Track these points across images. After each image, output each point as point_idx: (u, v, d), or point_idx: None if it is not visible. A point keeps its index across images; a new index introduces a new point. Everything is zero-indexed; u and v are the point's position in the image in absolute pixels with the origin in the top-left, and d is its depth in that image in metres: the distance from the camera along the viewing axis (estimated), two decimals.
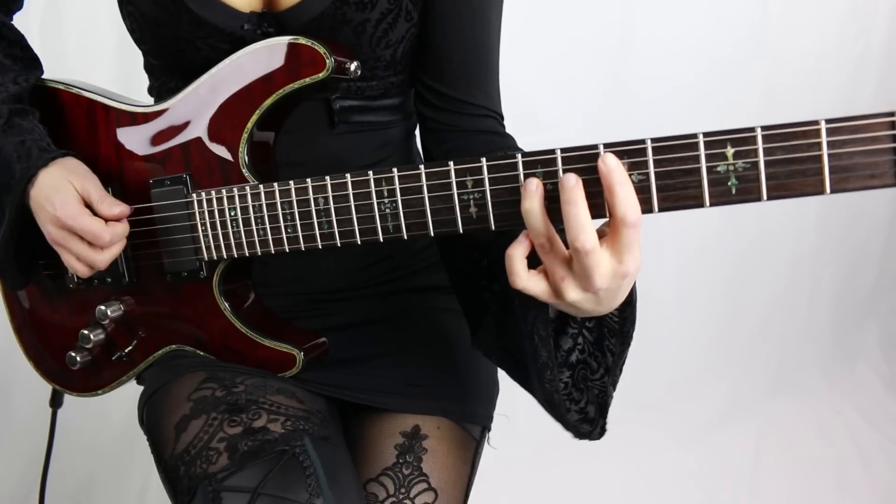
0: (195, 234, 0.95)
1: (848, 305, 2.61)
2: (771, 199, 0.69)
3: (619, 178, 0.68)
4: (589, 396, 0.86)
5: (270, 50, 0.90)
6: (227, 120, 0.93)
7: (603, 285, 0.71)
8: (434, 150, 1.08)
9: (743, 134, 0.68)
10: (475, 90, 1.05)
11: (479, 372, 1.15)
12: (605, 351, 0.85)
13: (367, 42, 0.98)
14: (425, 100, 1.07)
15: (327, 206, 0.85)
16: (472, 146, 1.03)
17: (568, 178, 0.69)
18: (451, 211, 0.78)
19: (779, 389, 2.44)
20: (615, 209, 0.68)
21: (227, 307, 0.98)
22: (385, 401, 1.06)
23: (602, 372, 0.85)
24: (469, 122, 1.05)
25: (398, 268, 1.12)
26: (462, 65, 1.03)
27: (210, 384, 0.97)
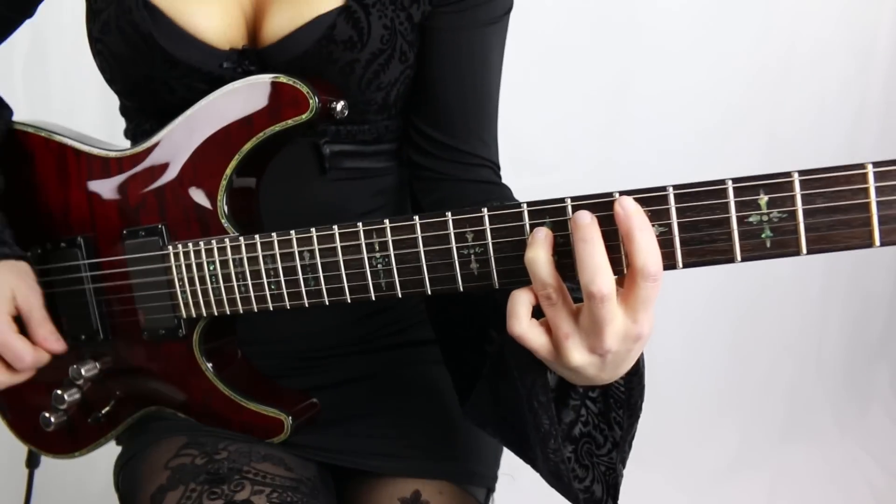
0: (172, 289, 0.87)
1: (858, 347, 2.54)
2: (811, 252, 0.61)
3: (637, 223, 0.60)
4: (595, 474, 0.76)
5: (250, 89, 0.82)
6: (205, 166, 0.85)
7: (613, 346, 0.62)
8: (424, 199, 1.00)
9: (778, 180, 0.60)
10: (472, 138, 0.98)
11: None
12: (613, 423, 0.76)
13: (355, 84, 0.90)
14: (417, 146, 1.00)
15: (313, 260, 0.77)
16: (466, 196, 0.95)
17: (582, 216, 0.61)
18: (449, 267, 0.70)
19: (790, 436, 2.36)
20: (634, 258, 0.60)
21: (208, 367, 0.90)
22: (382, 464, 0.97)
23: (609, 446, 0.76)
24: (464, 171, 0.99)
25: (394, 321, 1.04)
26: (460, 111, 0.97)
27: (190, 450, 0.89)
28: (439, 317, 0.94)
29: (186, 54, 0.87)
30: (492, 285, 0.69)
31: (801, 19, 2.27)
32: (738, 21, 2.21)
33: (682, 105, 2.21)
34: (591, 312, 0.61)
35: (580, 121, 2.17)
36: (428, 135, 0.98)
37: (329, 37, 0.87)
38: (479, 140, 0.99)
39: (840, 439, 2.35)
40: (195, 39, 0.88)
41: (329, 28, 0.87)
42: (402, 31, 0.90)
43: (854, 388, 2.49)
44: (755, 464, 2.24)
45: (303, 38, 0.87)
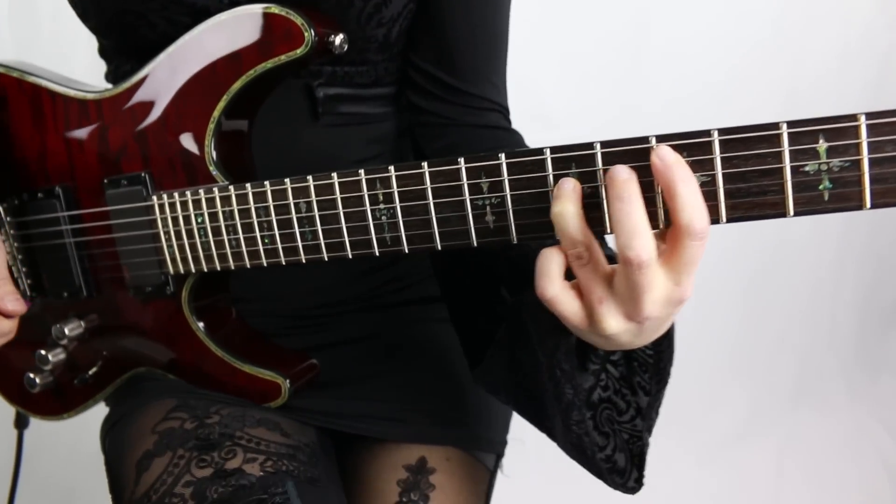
0: (157, 243, 0.80)
1: (871, 315, 2.46)
2: (876, 206, 0.53)
3: (681, 174, 0.53)
4: (617, 442, 0.70)
5: (238, 22, 0.74)
6: (190, 107, 0.77)
7: (653, 313, 0.55)
8: (428, 146, 0.92)
9: (840, 124, 0.52)
10: (481, 79, 0.90)
11: None
12: (637, 388, 0.70)
13: (354, 18, 0.81)
14: (420, 88, 0.92)
15: (311, 212, 0.69)
16: (476, 143, 0.87)
17: (619, 171, 0.54)
18: (462, 220, 0.63)
19: (800, 402, 2.30)
20: (678, 215, 0.52)
21: (199, 327, 0.83)
22: (385, 430, 0.91)
23: (633, 413, 0.70)
24: (472, 115, 0.90)
25: (399, 277, 0.97)
26: (468, 49, 0.88)
27: (179, 414, 0.82)
28: (446, 274, 0.87)
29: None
30: (509, 240, 0.62)
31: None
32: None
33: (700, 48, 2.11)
34: (629, 278, 0.54)
35: (593, 71, 2.08)
36: (432, 75, 0.90)
37: None
38: (489, 81, 0.91)
39: (850, 406, 2.30)
40: None
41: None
42: None
43: (866, 356, 2.43)
44: (764, 430, 2.19)
45: None
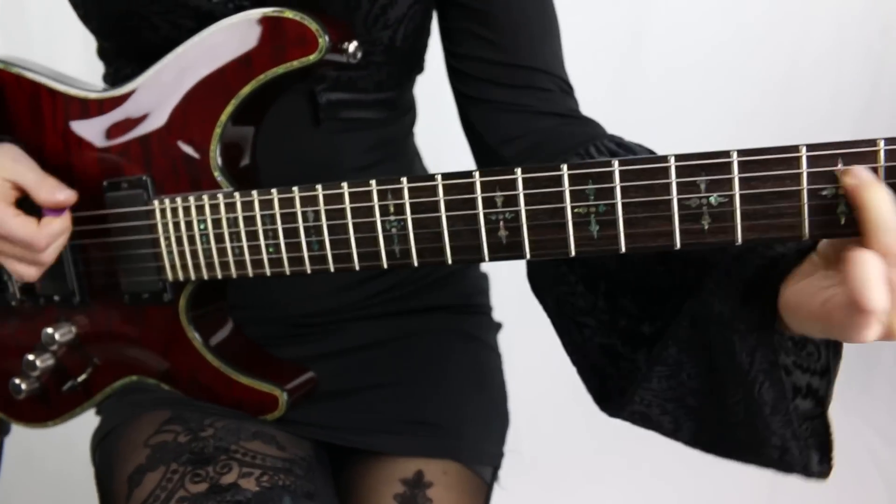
0: (157, 249, 0.78)
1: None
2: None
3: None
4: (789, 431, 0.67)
5: (249, 25, 0.73)
6: (197, 111, 0.76)
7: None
8: (504, 150, 0.83)
9: (859, 148, 0.52)
10: (541, 53, 0.83)
11: (489, 403, 0.99)
12: (795, 368, 0.66)
13: (361, 21, 0.80)
14: (476, 78, 0.85)
15: (318, 221, 0.68)
16: (563, 139, 0.80)
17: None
18: (474, 235, 0.62)
19: None
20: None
21: (196, 336, 0.82)
22: (382, 442, 0.90)
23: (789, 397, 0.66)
24: (541, 99, 0.83)
25: (398, 285, 0.95)
26: (524, 27, 0.82)
27: (173, 426, 0.81)
28: (547, 283, 0.78)
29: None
30: (522, 256, 0.61)
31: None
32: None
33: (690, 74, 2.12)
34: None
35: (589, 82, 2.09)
36: (486, 58, 0.83)
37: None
38: (551, 53, 0.84)
39: (844, 413, 2.31)
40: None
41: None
42: None
43: (858, 362, 2.45)
44: None
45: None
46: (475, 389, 0.97)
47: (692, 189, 0.56)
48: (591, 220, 0.59)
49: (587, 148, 0.76)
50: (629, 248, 0.58)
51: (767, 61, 2.18)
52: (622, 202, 0.57)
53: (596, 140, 0.77)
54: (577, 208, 0.59)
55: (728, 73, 2.14)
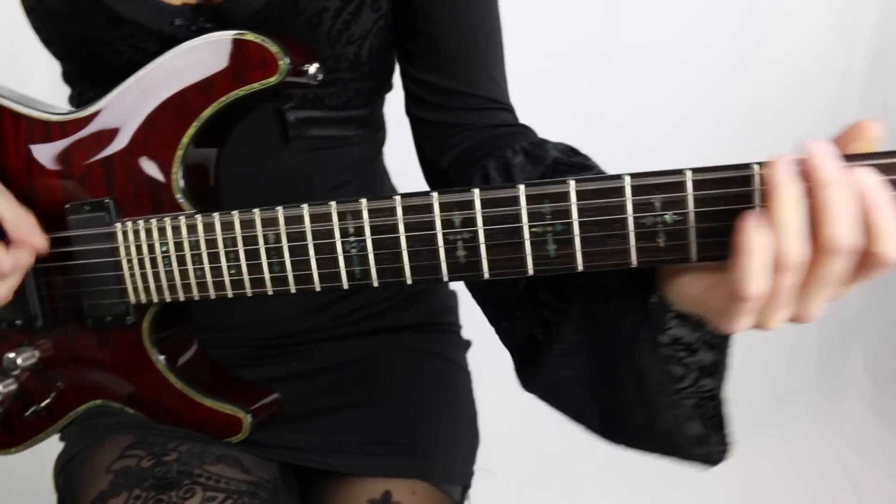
0: (119, 271, 0.78)
1: (832, 333, 2.51)
2: None
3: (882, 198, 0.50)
4: (681, 412, 0.68)
5: (211, 48, 0.73)
6: (158, 133, 0.76)
7: (817, 315, 0.55)
8: (441, 159, 0.88)
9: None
10: (483, 79, 0.87)
11: (458, 422, 0.99)
12: (698, 347, 0.67)
13: (324, 37, 0.81)
14: (424, 101, 0.89)
15: (279, 243, 0.68)
16: (492, 142, 0.83)
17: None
18: (433, 255, 0.62)
19: (766, 422, 2.31)
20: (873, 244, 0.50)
21: (159, 359, 0.81)
22: (349, 463, 0.90)
23: (695, 375, 0.67)
24: (480, 117, 0.87)
25: (366, 305, 0.95)
26: (463, 50, 0.86)
27: (136, 451, 0.80)
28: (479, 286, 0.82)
29: (131, 10, 0.77)
30: (480, 276, 0.62)
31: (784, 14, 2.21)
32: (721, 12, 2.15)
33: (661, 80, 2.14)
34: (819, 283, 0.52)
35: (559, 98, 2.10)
36: (434, 84, 0.87)
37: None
38: (491, 80, 0.88)
39: (815, 425, 2.34)
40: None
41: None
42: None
43: (828, 374, 2.48)
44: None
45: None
46: (444, 408, 0.97)
47: (647, 208, 0.56)
48: (547, 240, 0.59)
49: (515, 147, 0.78)
50: (586, 266, 0.59)
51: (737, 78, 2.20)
52: (578, 221, 0.58)
53: (519, 142, 0.79)
54: (534, 228, 0.59)
55: (696, 89, 2.17)
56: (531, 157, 0.76)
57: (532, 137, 0.84)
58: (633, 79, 2.12)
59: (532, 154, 0.77)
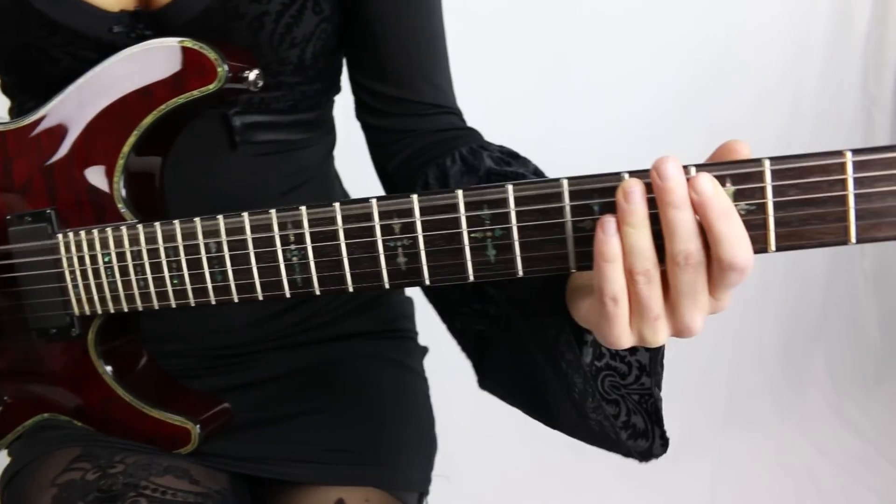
0: (62, 283, 0.77)
1: (795, 333, 2.55)
2: (781, 249, 0.54)
3: (721, 207, 0.51)
4: (629, 405, 0.69)
5: (150, 55, 0.72)
6: (99, 142, 0.75)
7: (699, 328, 0.55)
8: (388, 164, 0.89)
9: (747, 169, 0.53)
10: (425, 86, 0.88)
11: (414, 429, 0.98)
12: (633, 348, 0.66)
13: (266, 40, 0.80)
14: (369, 107, 0.90)
15: (221, 252, 0.67)
16: (436, 147, 0.85)
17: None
18: (374, 262, 0.62)
19: (731, 422, 2.35)
20: (717, 251, 0.52)
21: (106, 371, 0.80)
22: (301, 472, 0.88)
23: (636, 372, 0.68)
24: (424, 122, 0.88)
25: (319, 313, 0.95)
26: (404, 57, 0.86)
27: (81, 464, 0.79)
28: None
29: (67, 17, 0.76)
30: (421, 282, 0.61)
31: (739, 7, 2.24)
32: (676, 16, 2.17)
33: (618, 93, 2.16)
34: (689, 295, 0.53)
35: (517, 107, 2.10)
36: (378, 91, 0.88)
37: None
38: (433, 86, 0.88)
39: (779, 424, 2.36)
40: (77, 1, 0.76)
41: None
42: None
43: (792, 374, 2.50)
44: (698, 451, 2.22)
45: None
46: (399, 415, 0.96)
47: (586, 212, 0.56)
48: (487, 245, 0.59)
49: (454, 154, 0.79)
50: (527, 271, 0.59)
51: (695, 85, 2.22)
52: (517, 226, 0.58)
53: (459, 148, 0.79)
54: (473, 233, 0.59)
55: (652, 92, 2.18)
56: (468, 165, 0.78)
57: (473, 142, 0.84)
58: (591, 86, 2.13)
59: (468, 162, 0.78)
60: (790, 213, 0.53)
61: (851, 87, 2.44)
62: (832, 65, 2.38)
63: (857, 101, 2.45)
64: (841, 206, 0.52)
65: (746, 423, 2.34)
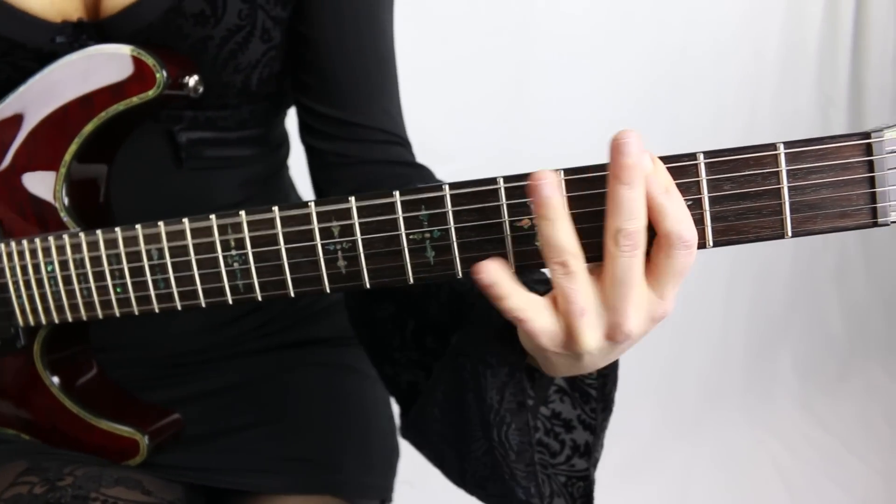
0: (6, 294, 0.75)
1: (761, 333, 2.56)
2: (718, 244, 0.54)
3: (662, 182, 0.51)
4: (553, 487, 0.66)
5: (89, 62, 0.71)
6: (41, 151, 0.74)
7: (635, 329, 0.52)
8: (331, 190, 0.88)
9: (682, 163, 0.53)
10: (374, 109, 0.86)
11: (373, 435, 0.97)
12: (574, 424, 0.66)
13: (209, 64, 0.79)
14: (313, 129, 0.88)
15: (162, 259, 0.67)
16: (378, 183, 0.83)
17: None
18: (314, 266, 0.61)
19: (697, 425, 2.35)
20: (663, 225, 0.51)
21: (53, 382, 0.79)
22: (257, 482, 0.87)
23: (568, 452, 0.66)
24: (370, 150, 0.86)
25: (273, 320, 0.94)
26: (351, 80, 0.85)
27: (29, 478, 0.77)
28: (364, 323, 0.81)
29: (6, 27, 0.75)
30: (361, 286, 0.61)
31: (695, 20, 2.27)
32: (635, 21, 2.19)
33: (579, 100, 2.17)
34: (620, 287, 0.51)
35: (481, 111, 2.10)
36: (322, 113, 0.86)
37: (177, 8, 0.76)
38: (381, 111, 0.87)
39: (746, 425, 2.37)
40: (16, 10, 0.75)
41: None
42: (264, 6, 0.79)
43: (759, 372, 2.52)
44: (668, 452, 2.22)
45: (148, 7, 0.75)
46: (356, 422, 0.96)
47: (524, 210, 0.56)
48: (426, 246, 0.58)
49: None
50: (465, 272, 0.58)
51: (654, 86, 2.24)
52: (455, 227, 0.57)
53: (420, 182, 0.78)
54: (412, 235, 0.58)
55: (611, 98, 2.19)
56: None
57: (425, 179, 0.84)
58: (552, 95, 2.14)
59: None
60: (726, 208, 0.53)
61: (807, 87, 2.47)
62: (788, 66, 2.41)
63: (813, 101, 2.48)
64: (776, 199, 0.52)
65: (713, 424, 2.35)
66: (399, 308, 0.76)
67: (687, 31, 2.24)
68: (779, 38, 2.37)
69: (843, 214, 0.52)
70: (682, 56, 2.25)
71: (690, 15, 2.23)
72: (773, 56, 2.38)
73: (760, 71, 2.37)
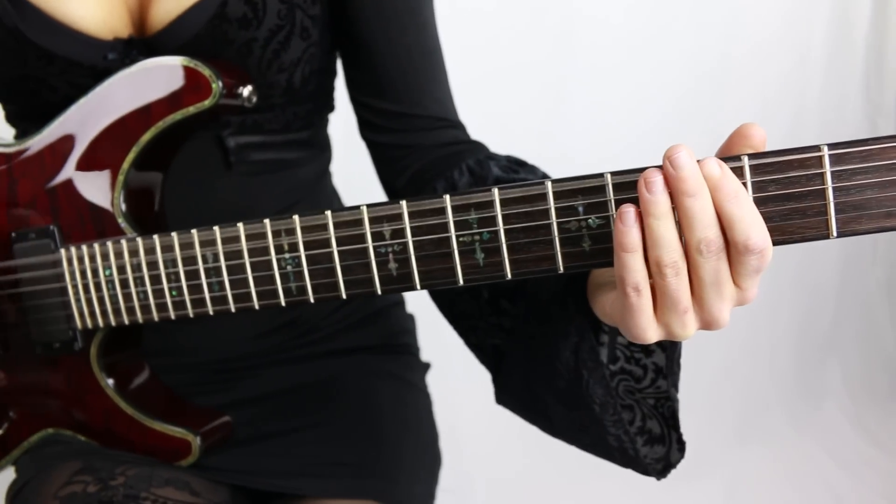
0: (65, 297, 0.78)
1: (808, 344, 2.51)
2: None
3: (730, 189, 0.52)
4: (644, 410, 0.69)
5: (147, 74, 0.74)
6: (99, 160, 0.77)
7: (727, 319, 0.55)
8: (396, 181, 0.90)
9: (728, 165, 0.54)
10: (424, 99, 0.89)
11: (415, 443, 0.98)
12: (652, 347, 0.67)
13: (255, 66, 0.82)
14: (371, 124, 0.91)
15: (217, 263, 0.69)
16: (439, 164, 0.85)
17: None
18: (366, 268, 0.63)
19: (745, 437, 2.31)
20: (731, 234, 0.52)
21: (108, 384, 0.81)
22: (303, 485, 0.89)
23: (652, 375, 0.68)
24: (426, 137, 0.89)
25: (316, 328, 0.96)
26: (400, 73, 0.87)
27: (83, 477, 0.79)
28: (442, 295, 0.84)
29: (63, 47, 0.79)
30: (412, 287, 0.62)
31: (737, 20, 2.25)
32: (676, 26, 2.18)
33: (619, 105, 2.16)
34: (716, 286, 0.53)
35: (517, 123, 2.11)
36: (376, 108, 0.89)
37: (221, 15, 0.79)
38: (432, 99, 0.89)
39: (795, 438, 2.32)
40: (71, 30, 0.79)
41: (220, 5, 0.78)
42: (301, 5, 0.82)
43: (806, 386, 2.46)
44: (711, 467, 2.18)
45: (193, 19, 0.78)
46: (401, 430, 0.97)
47: (571, 212, 0.57)
48: (475, 248, 0.60)
49: (462, 166, 0.80)
50: (514, 273, 0.60)
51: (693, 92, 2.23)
52: (504, 229, 0.59)
53: (467, 161, 0.81)
54: (461, 237, 0.60)
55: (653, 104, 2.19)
56: (476, 176, 0.79)
57: (480, 153, 0.85)
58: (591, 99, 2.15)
59: (476, 174, 0.79)
60: (771, 209, 0.54)
61: (854, 96, 2.42)
62: (834, 74, 2.37)
63: (860, 109, 2.44)
64: (821, 199, 0.53)
65: (761, 437, 2.30)
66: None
67: (730, 36, 2.22)
68: (824, 43, 2.33)
69: (889, 214, 0.52)
70: (724, 63, 2.22)
71: (735, 20, 2.22)
72: (818, 62, 2.35)
73: (805, 77, 2.34)
